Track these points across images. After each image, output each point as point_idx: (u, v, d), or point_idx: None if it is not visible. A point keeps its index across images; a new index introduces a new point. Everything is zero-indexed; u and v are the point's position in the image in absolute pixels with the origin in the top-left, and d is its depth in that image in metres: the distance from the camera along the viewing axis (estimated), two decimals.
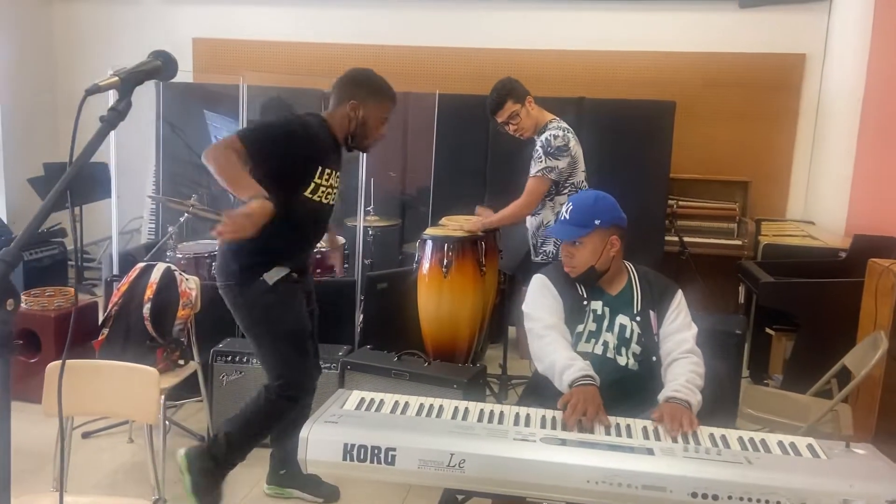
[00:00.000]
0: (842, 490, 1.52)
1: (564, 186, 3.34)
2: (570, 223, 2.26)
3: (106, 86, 1.10)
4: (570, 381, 1.99)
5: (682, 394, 1.98)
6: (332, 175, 2.55)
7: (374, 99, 2.57)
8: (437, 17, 5.92)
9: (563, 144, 3.26)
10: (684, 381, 2.04)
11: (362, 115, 2.54)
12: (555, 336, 2.15)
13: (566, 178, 3.32)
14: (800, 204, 5.58)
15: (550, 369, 2.11)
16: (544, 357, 2.14)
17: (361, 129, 2.57)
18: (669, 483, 1.56)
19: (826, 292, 3.63)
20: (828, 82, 5.38)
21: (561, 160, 3.26)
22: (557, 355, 2.09)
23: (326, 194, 2.54)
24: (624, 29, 5.63)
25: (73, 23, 6.59)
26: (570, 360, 2.06)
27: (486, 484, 1.65)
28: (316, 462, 1.70)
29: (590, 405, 1.86)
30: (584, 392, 1.93)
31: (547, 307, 2.24)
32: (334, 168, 2.56)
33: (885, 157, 4.49)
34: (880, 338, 2.71)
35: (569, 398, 1.91)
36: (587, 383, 1.98)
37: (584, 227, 2.22)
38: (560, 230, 2.31)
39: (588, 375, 2.01)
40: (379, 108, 2.58)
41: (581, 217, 2.24)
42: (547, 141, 3.27)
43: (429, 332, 3.58)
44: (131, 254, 4.61)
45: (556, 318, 2.21)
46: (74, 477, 2.83)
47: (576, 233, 2.23)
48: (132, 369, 2.09)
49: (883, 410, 3.12)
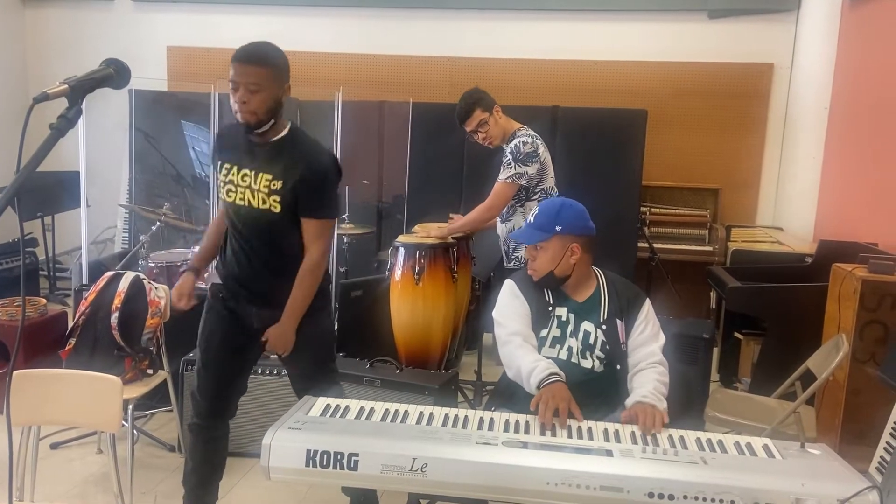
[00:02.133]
0: (794, 489, 1.55)
1: (535, 192, 3.39)
2: (532, 227, 2.29)
3: (55, 94, 1.10)
4: (538, 383, 2.03)
5: (650, 399, 2.02)
6: (233, 171, 2.33)
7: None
8: (410, 26, 5.95)
9: (532, 151, 3.33)
10: (651, 389, 2.08)
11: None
12: (519, 341, 2.18)
13: (536, 183, 3.37)
14: (769, 210, 5.67)
15: (518, 375, 2.14)
16: (511, 363, 2.18)
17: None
18: (626, 484, 1.58)
19: (792, 297, 3.68)
20: (795, 91, 5.49)
21: (530, 166, 3.31)
22: (523, 360, 2.12)
23: (228, 191, 2.36)
24: (596, 39, 5.71)
25: (45, 30, 6.54)
26: (535, 363, 2.09)
27: (448, 488, 1.66)
28: (278, 469, 1.70)
29: (560, 401, 1.90)
30: (552, 389, 1.97)
31: (513, 313, 2.26)
32: (237, 164, 2.34)
33: (850, 165, 4.59)
34: (842, 341, 2.76)
35: (538, 398, 1.94)
36: (554, 381, 2.02)
37: (545, 231, 2.25)
38: (522, 233, 2.36)
39: (553, 373, 2.05)
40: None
41: (544, 222, 2.27)
42: (516, 147, 3.33)
43: (401, 338, 3.59)
44: (104, 263, 4.57)
45: (521, 324, 2.23)
46: (42, 487, 2.79)
47: (536, 237, 2.26)
48: (94, 378, 2.08)
49: (847, 412, 3.18)
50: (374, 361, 3.17)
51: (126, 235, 5.84)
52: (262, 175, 2.29)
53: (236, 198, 2.33)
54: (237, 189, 2.33)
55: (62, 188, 5.48)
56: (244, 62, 2.19)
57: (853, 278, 3.14)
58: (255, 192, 2.30)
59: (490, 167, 3.55)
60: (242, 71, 2.18)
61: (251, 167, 2.31)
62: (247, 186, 2.31)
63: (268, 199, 2.29)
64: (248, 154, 2.33)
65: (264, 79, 2.21)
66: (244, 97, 2.18)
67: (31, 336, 3.57)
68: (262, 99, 2.20)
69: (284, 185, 2.27)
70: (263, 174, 2.29)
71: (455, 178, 5.31)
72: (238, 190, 2.33)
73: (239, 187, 2.32)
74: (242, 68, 2.19)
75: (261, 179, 2.29)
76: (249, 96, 2.18)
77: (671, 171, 5.58)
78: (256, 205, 2.30)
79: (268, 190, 2.29)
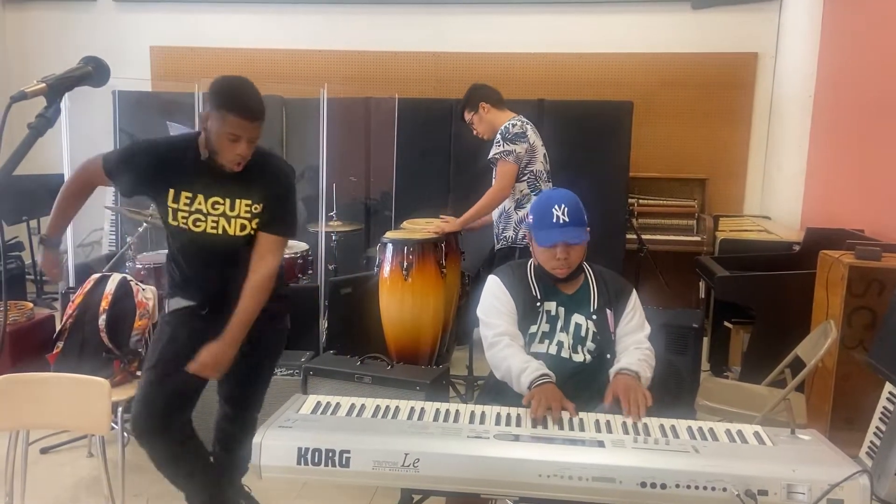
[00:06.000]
0: (785, 475, 1.56)
1: (523, 174, 3.46)
2: (573, 224, 2.22)
3: (33, 93, 1.09)
4: (529, 384, 2.03)
5: (634, 366, 2.06)
6: (199, 200, 2.23)
7: (217, 110, 2.14)
8: (395, 21, 5.94)
9: (521, 132, 3.43)
10: (636, 359, 2.11)
11: (209, 126, 2.17)
12: (506, 342, 2.17)
13: (525, 164, 3.45)
14: (756, 199, 5.70)
15: (507, 375, 2.14)
16: (499, 364, 2.17)
17: (212, 143, 2.18)
18: (619, 474, 1.58)
19: (780, 285, 3.71)
20: (780, 80, 5.51)
21: (518, 145, 3.40)
22: (512, 361, 2.11)
23: (195, 221, 2.24)
24: (581, 31, 5.72)
25: (26, 31, 6.48)
26: (525, 363, 2.09)
27: (441, 482, 1.66)
28: (270, 467, 1.69)
29: (552, 401, 1.90)
30: (543, 390, 1.97)
31: (498, 312, 2.24)
32: (201, 193, 2.23)
33: (836, 152, 4.62)
34: (830, 327, 2.78)
35: (530, 398, 1.94)
36: (544, 381, 2.02)
37: (584, 225, 2.24)
38: (567, 233, 2.22)
39: (544, 374, 2.05)
40: (221, 121, 2.13)
41: (580, 216, 2.24)
42: (505, 129, 3.45)
43: (391, 335, 3.58)
44: (91, 265, 4.53)
45: (507, 323, 2.21)
46: (33, 492, 2.76)
47: (583, 234, 2.23)
48: (82, 381, 2.06)
49: (837, 398, 3.20)
50: (365, 358, 3.16)
51: (113, 237, 5.80)
52: (240, 201, 2.24)
53: (206, 227, 2.24)
54: (207, 218, 2.24)
55: (47, 191, 5.36)
56: (252, 120, 2.14)
57: (840, 265, 3.16)
58: (233, 219, 2.25)
59: (478, 161, 3.58)
60: (249, 127, 2.14)
61: (223, 194, 2.24)
62: (220, 214, 2.24)
63: (249, 223, 2.26)
64: (212, 180, 2.24)
65: (261, 130, 2.21)
66: (246, 151, 2.17)
67: (19, 340, 3.54)
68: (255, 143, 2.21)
69: (264, 206, 2.26)
70: (241, 200, 2.24)
71: (442, 173, 5.31)
72: (209, 219, 2.24)
73: (210, 216, 2.24)
74: (250, 126, 2.14)
75: (239, 206, 2.25)
76: (249, 148, 2.17)
77: (658, 162, 5.60)
78: (233, 231, 2.25)
79: (249, 215, 2.25)
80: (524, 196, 3.44)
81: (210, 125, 2.15)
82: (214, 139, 2.15)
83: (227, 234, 2.25)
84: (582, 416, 1.88)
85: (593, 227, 2.32)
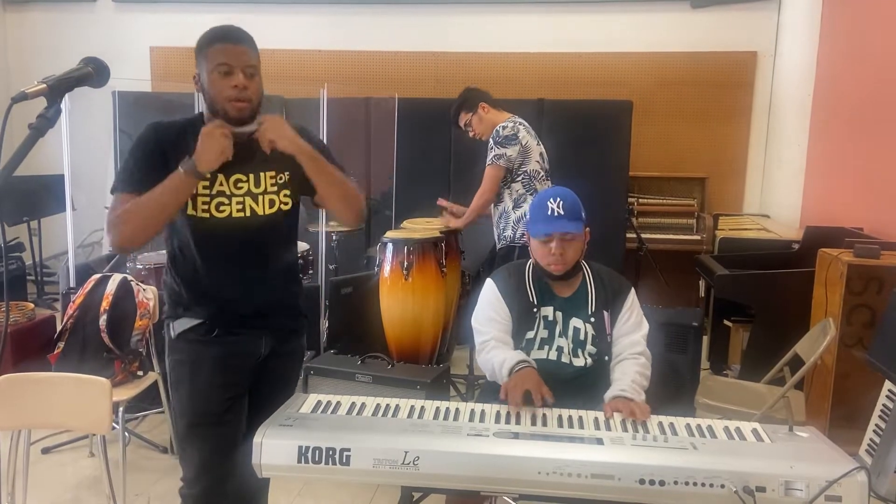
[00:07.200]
0: (783, 471, 1.56)
1: (518, 174, 3.48)
2: (567, 217, 2.19)
3: (33, 93, 1.10)
4: (509, 370, 2.04)
5: (628, 393, 2.01)
6: (219, 181, 1.90)
7: (200, 54, 1.91)
8: (395, 21, 5.94)
9: (512, 134, 3.44)
10: (630, 382, 2.06)
11: (202, 80, 1.91)
12: (493, 344, 2.18)
13: (518, 165, 3.46)
14: (756, 198, 5.71)
15: (493, 375, 2.14)
16: (486, 365, 2.18)
17: (210, 96, 1.89)
18: (618, 471, 1.59)
19: (779, 283, 3.72)
20: (779, 79, 5.52)
21: (509, 148, 3.42)
22: (495, 358, 2.12)
23: (218, 205, 1.90)
24: (580, 31, 5.72)
25: (26, 32, 6.49)
26: (504, 356, 2.10)
27: (441, 480, 1.67)
28: (270, 466, 1.70)
29: (529, 384, 1.90)
30: (521, 375, 1.98)
31: (490, 320, 2.23)
32: (219, 171, 1.88)
33: (835, 151, 4.62)
34: (829, 325, 2.78)
35: (506, 386, 1.94)
36: (522, 367, 2.03)
37: (580, 220, 2.21)
38: (561, 224, 2.18)
39: (522, 360, 2.05)
40: (207, 60, 1.87)
41: (576, 212, 2.21)
42: (496, 132, 3.47)
43: (392, 334, 3.59)
44: (91, 266, 4.54)
45: (497, 331, 2.21)
46: (34, 492, 2.78)
47: (577, 228, 2.20)
48: (83, 381, 2.07)
49: (836, 396, 3.21)
50: (366, 357, 3.17)
51: None
52: (264, 174, 1.95)
53: (231, 210, 1.91)
54: (231, 200, 1.91)
55: (47, 192, 5.43)
56: (236, 42, 1.87)
57: (839, 263, 3.17)
58: (260, 196, 1.94)
59: (478, 161, 3.59)
60: (236, 52, 1.86)
61: (243, 170, 1.92)
62: (244, 193, 1.92)
63: (277, 197, 1.96)
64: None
65: (257, 61, 1.91)
66: (244, 82, 1.85)
67: (20, 341, 3.56)
68: (259, 84, 1.90)
69: (292, 172, 1.96)
70: (265, 172, 1.95)
71: (443, 172, 5.32)
72: (233, 201, 1.91)
73: (234, 197, 1.91)
74: (236, 49, 1.86)
75: (264, 179, 1.95)
76: (248, 81, 1.86)
77: (658, 161, 5.61)
78: (262, 211, 1.94)
79: (277, 187, 1.96)
80: (520, 196, 3.46)
81: (202, 78, 1.90)
82: (209, 87, 1.87)
83: (256, 214, 1.94)
84: (581, 413, 1.89)
85: (593, 226, 2.32)
